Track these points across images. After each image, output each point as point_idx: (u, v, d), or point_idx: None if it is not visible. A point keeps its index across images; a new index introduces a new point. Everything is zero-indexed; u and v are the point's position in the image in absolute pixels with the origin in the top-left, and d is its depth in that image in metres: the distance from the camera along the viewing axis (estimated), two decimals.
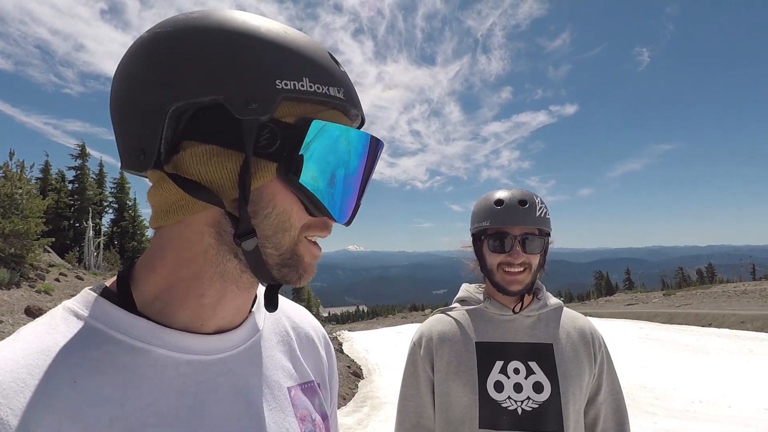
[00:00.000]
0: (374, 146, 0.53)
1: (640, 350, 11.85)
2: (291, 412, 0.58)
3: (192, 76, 0.45)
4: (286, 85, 0.46)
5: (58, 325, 0.47)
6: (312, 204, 0.49)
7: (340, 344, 16.80)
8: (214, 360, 0.53)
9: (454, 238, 1.47)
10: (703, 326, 18.12)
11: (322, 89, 0.48)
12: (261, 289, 0.66)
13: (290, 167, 0.47)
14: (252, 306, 0.61)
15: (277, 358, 0.61)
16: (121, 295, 0.51)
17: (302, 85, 0.47)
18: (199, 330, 0.52)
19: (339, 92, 0.50)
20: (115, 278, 0.54)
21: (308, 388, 0.64)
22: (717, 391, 7.81)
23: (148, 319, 0.50)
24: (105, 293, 0.51)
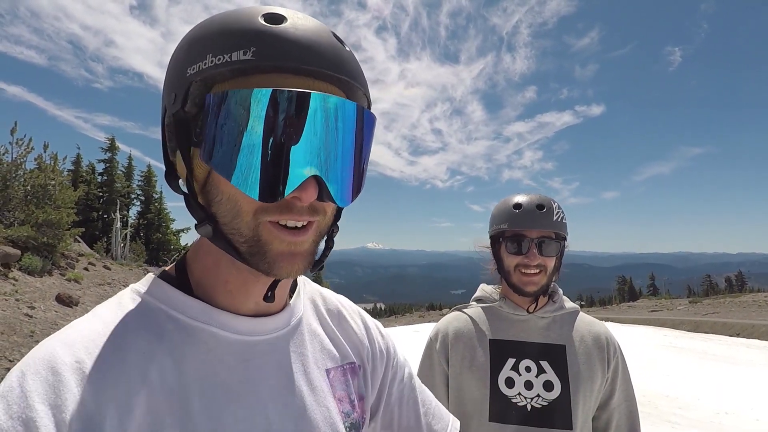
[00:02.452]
0: (291, 101, 0.44)
1: (663, 358, 11.54)
2: (329, 393, 0.61)
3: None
4: (192, 69, 0.47)
5: (127, 304, 0.53)
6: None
7: None
8: (259, 341, 0.56)
9: (475, 238, 1.51)
10: (731, 336, 17.51)
11: (224, 58, 0.45)
12: (302, 278, 0.70)
13: (203, 149, 0.46)
14: (292, 293, 0.65)
15: (317, 341, 0.64)
16: (179, 279, 0.56)
17: (205, 64, 0.46)
18: (237, 314, 0.55)
19: (246, 53, 0.45)
20: (173, 265, 0.59)
21: (349, 369, 0.67)
22: (744, 403, 7.55)
23: (201, 300, 0.54)
24: (165, 277, 0.57)
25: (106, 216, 25.61)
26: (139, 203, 28.88)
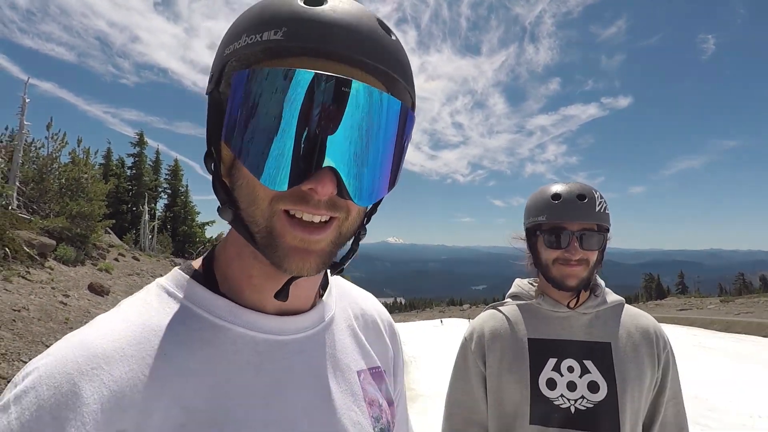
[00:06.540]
0: (320, 84, 0.41)
1: (692, 358, 11.20)
2: (360, 396, 0.59)
3: None
4: (229, 49, 0.46)
5: (152, 301, 0.50)
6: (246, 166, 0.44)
7: None
8: (288, 340, 0.54)
9: (511, 232, 1.41)
10: (765, 337, 16.83)
11: (255, 38, 0.44)
12: (335, 277, 0.68)
13: (224, 130, 0.45)
14: (323, 292, 0.62)
15: (347, 342, 0.62)
16: (206, 275, 0.54)
17: (239, 43, 0.45)
18: (263, 311, 0.53)
19: (277, 33, 0.43)
20: (201, 259, 0.57)
21: (376, 373, 0.64)
22: None
23: (228, 298, 0.52)
24: (192, 273, 0.54)
25: (134, 209, 26.38)
26: (166, 196, 29.62)
